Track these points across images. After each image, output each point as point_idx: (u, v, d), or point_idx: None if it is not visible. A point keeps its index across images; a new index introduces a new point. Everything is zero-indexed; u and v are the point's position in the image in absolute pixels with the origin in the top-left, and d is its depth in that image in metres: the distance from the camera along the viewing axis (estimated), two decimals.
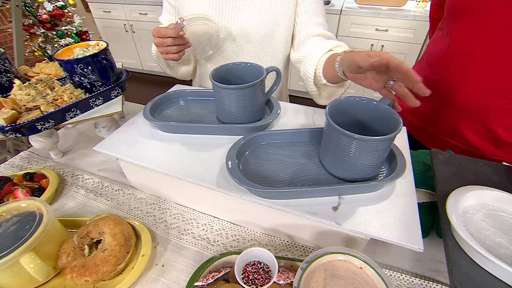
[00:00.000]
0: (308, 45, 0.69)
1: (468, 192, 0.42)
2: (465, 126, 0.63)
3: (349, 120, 0.47)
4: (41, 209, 0.46)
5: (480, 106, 0.59)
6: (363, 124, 0.48)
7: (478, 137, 0.63)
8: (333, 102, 0.45)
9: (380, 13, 1.94)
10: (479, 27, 0.54)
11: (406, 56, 2.04)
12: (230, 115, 0.55)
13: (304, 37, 0.70)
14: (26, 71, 0.74)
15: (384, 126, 0.43)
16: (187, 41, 0.64)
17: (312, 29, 0.69)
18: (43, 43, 2.10)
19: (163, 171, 0.49)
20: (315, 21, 0.69)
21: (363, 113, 0.47)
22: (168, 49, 0.62)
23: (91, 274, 0.43)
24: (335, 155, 0.44)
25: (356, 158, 0.41)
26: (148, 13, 2.60)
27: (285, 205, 0.43)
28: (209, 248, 0.50)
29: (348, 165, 0.43)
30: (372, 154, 0.41)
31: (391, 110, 0.43)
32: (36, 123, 0.55)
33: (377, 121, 0.46)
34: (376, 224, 0.40)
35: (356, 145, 0.40)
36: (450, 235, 0.39)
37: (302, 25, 0.70)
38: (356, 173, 0.44)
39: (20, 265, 0.40)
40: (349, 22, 2.04)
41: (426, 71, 0.70)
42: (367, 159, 0.41)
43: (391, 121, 0.42)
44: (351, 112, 0.47)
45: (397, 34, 1.97)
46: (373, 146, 0.39)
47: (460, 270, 0.35)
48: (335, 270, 0.37)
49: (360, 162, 0.42)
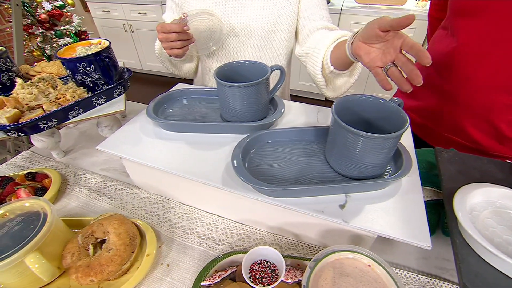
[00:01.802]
0: (313, 38, 0.68)
1: (475, 190, 0.42)
2: (469, 123, 0.63)
3: (355, 118, 0.47)
4: (45, 209, 0.45)
5: (484, 102, 0.59)
6: (369, 122, 0.48)
7: (481, 133, 0.63)
8: (339, 100, 0.45)
9: (380, 12, 1.94)
10: (487, 26, 0.54)
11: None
12: (234, 114, 0.55)
13: (309, 31, 0.70)
14: (27, 70, 0.74)
15: (390, 125, 0.43)
16: (191, 36, 0.64)
17: (316, 22, 0.69)
18: (41, 43, 2.09)
19: (168, 170, 0.48)
20: (319, 15, 0.69)
21: (369, 112, 0.47)
22: (173, 44, 0.62)
23: (96, 274, 0.42)
24: (341, 153, 0.44)
25: (363, 156, 0.41)
26: (148, 13, 2.59)
27: (292, 203, 0.43)
28: (215, 247, 0.50)
29: (354, 163, 0.43)
30: (378, 152, 0.40)
31: (398, 108, 0.43)
32: (38, 122, 0.55)
33: (383, 120, 0.46)
34: (383, 222, 0.40)
35: (362, 142, 0.40)
36: (457, 232, 0.39)
37: (306, 19, 0.70)
38: (362, 171, 0.43)
39: (25, 265, 0.40)
40: (349, 21, 2.04)
41: (429, 70, 0.70)
42: (373, 157, 0.41)
43: (398, 119, 0.42)
44: (357, 110, 0.47)
45: None
46: (379, 144, 0.39)
47: (468, 267, 0.34)
48: (344, 268, 0.37)
49: (366, 160, 0.42)
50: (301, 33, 0.72)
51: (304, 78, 2.47)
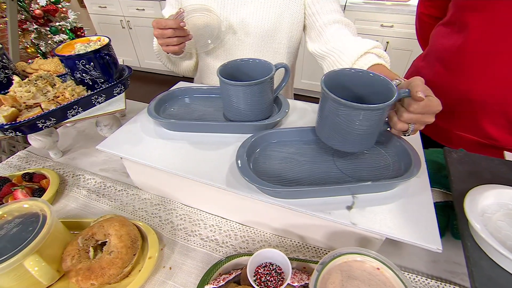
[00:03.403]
0: (329, 34, 0.68)
1: (486, 191, 0.43)
2: (484, 119, 0.64)
3: (346, 93, 0.47)
4: (44, 210, 0.45)
5: (501, 97, 0.59)
6: (360, 98, 0.48)
7: (497, 128, 0.63)
8: (328, 74, 0.46)
9: (385, 9, 1.94)
10: (499, 20, 0.54)
11: (411, 53, 2.04)
12: (238, 113, 0.55)
13: (321, 26, 0.69)
14: (24, 67, 0.74)
15: (380, 100, 0.42)
16: (188, 33, 0.64)
17: (328, 16, 0.68)
18: (36, 39, 2.09)
19: (171, 171, 0.49)
20: (329, 8, 0.69)
21: (359, 86, 0.47)
22: (168, 41, 0.62)
23: (97, 277, 0.42)
24: (329, 125, 0.45)
25: (350, 128, 0.42)
26: (146, 9, 2.59)
27: (298, 205, 0.43)
28: (218, 249, 0.50)
29: (342, 135, 0.44)
30: (365, 124, 0.41)
31: (386, 80, 0.43)
32: (37, 121, 0.55)
33: (374, 94, 0.46)
34: (391, 224, 0.40)
35: (348, 113, 0.41)
36: (468, 235, 0.39)
37: (316, 15, 0.69)
38: (351, 144, 0.45)
39: (24, 268, 0.40)
40: (354, 18, 2.04)
41: (437, 68, 0.70)
42: (362, 128, 0.42)
43: (387, 92, 0.42)
44: (347, 85, 0.48)
45: (402, 30, 1.98)
46: (366, 115, 0.40)
47: (481, 271, 0.35)
48: (352, 271, 0.37)
49: (355, 132, 0.43)
50: (313, 29, 0.71)
51: (307, 76, 2.47)
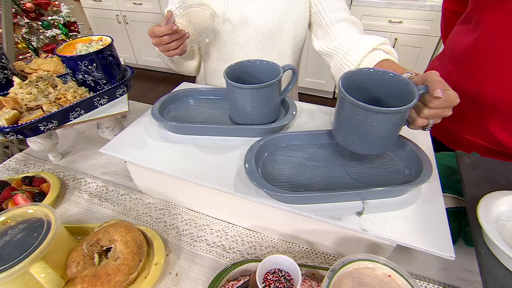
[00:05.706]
0: (336, 32, 0.69)
1: (501, 197, 0.43)
2: (494, 124, 0.64)
3: (364, 95, 0.48)
4: (48, 216, 0.47)
5: (510, 101, 0.60)
6: (379, 100, 0.49)
7: (507, 134, 0.64)
8: (345, 74, 0.46)
9: (394, 4, 1.95)
10: (510, 20, 0.55)
11: (421, 50, 2.05)
12: (244, 116, 0.56)
13: (328, 24, 0.71)
14: (23, 67, 0.75)
15: (400, 102, 0.43)
16: (184, 33, 0.66)
17: (335, 14, 0.70)
18: (27, 34, 2.08)
19: (179, 176, 0.50)
20: (336, 6, 0.71)
21: (377, 86, 0.48)
22: (168, 47, 0.65)
23: (103, 284, 0.44)
24: (347, 128, 0.46)
25: (370, 131, 0.43)
26: (143, 3, 2.60)
27: (307, 210, 0.44)
28: (225, 255, 0.51)
29: (360, 138, 0.45)
30: (384, 126, 0.42)
31: (406, 80, 0.44)
32: (39, 123, 0.56)
33: (393, 96, 0.46)
34: (402, 230, 0.41)
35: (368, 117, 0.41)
36: (482, 242, 0.40)
37: (322, 13, 0.71)
38: (369, 147, 0.46)
39: (30, 275, 0.41)
40: (361, 13, 2.05)
41: (449, 68, 0.71)
42: (381, 132, 0.43)
43: (407, 93, 0.43)
44: (366, 86, 0.48)
45: (412, 26, 1.99)
46: (385, 119, 0.41)
47: (496, 280, 0.36)
48: (363, 278, 0.39)
49: (373, 135, 0.43)
50: (319, 27, 0.73)
51: (310, 74, 2.48)
